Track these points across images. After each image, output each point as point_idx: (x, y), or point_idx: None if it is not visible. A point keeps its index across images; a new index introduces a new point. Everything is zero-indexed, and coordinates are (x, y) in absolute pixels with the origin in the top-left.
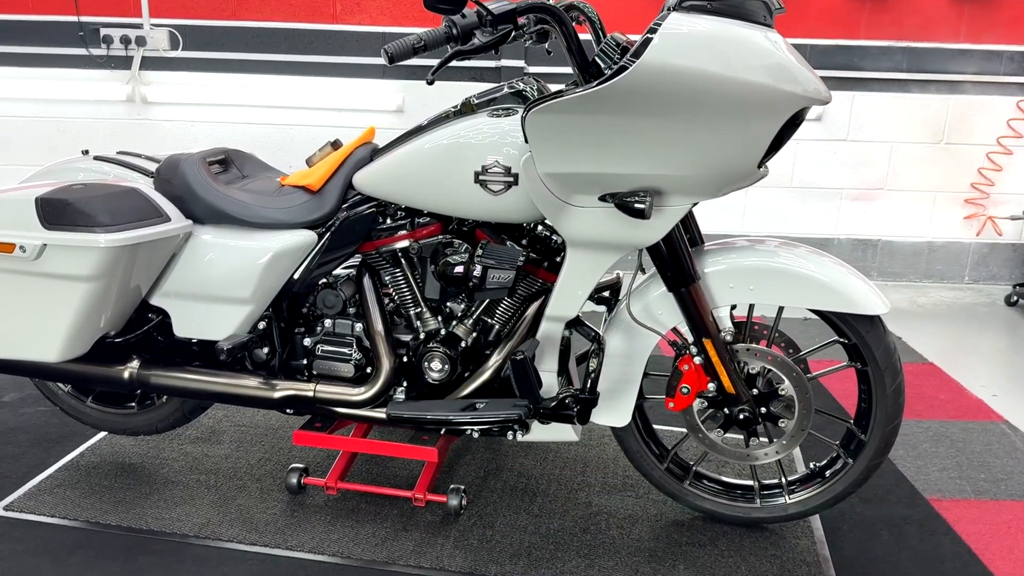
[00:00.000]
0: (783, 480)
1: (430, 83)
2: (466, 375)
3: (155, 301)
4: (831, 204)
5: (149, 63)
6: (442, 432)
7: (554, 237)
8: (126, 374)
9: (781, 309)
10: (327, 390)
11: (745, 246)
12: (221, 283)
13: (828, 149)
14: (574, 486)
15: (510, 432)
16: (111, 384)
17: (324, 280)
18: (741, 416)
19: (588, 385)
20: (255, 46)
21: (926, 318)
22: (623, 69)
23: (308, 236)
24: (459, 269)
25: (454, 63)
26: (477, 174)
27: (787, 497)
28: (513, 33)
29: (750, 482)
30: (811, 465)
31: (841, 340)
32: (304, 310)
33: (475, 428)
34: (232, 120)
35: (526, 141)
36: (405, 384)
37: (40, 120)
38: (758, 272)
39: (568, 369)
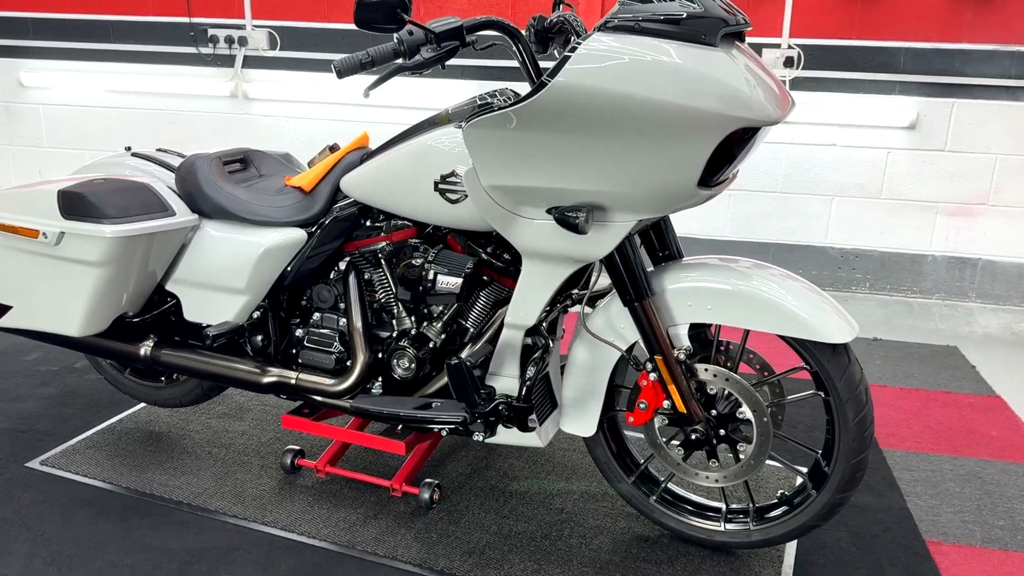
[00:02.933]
0: (751, 505)
1: (366, 96)
2: (434, 374)
3: (169, 287)
4: (925, 218)
5: (250, 62)
6: (398, 428)
7: None
8: (142, 351)
9: (747, 331)
10: (308, 379)
11: (713, 265)
12: (220, 273)
13: (923, 159)
14: (553, 491)
15: (475, 434)
16: (129, 360)
17: (322, 276)
18: (693, 436)
19: (523, 392)
20: (347, 47)
21: (1015, 347)
22: (543, 86)
23: (299, 234)
24: (412, 272)
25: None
26: (436, 183)
27: (752, 523)
28: (462, 47)
29: (719, 504)
30: (779, 493)
31: (804, 367)
32: (303, 303)
33: (418, 426)
34: (324, 117)
35: None
36: (380, 379)
37: (155, 112)
38: (716, 292)
39: (548, 376)
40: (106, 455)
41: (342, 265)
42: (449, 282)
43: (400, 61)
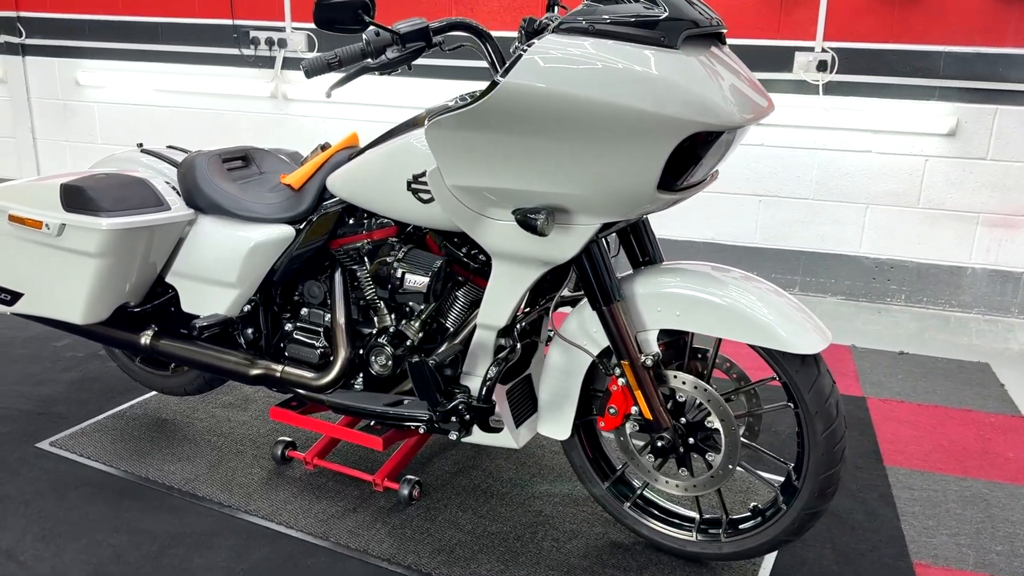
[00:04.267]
0: (724, 516)
1: (328, 96)
2: None
3: (168, 279)
4: (965, 229)
5: (290, 63)
6: (372, 423)
7: None
8: (143, 340)
9: (719, 339)
10: (292, 372)
11: (686, 271)
12: (213, 267)
13: (963, 168)
14: (535, 493)
15: (451, 433)
16: (132, 348)
17: (313, 272)
18: (659, 443)
19: (482, 393)
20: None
21: None
22: (495, 86)
23: (287, 230)
24: (384, 271)
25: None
26: (409, 183)
27: (724, 535)
28: (428, 48)
29: (693, 513)
30: (752, 505)
31: (774, 377)
32: (295, 298)
33: (388, 422)
34: (359, 118)
35: None
36: (362, 375)
37: (200, 111)
38: (685, 298)
39: (531, 378)
40: (111, 439)
41: (329, 262)
42: (416, 281)
43: (367, 61)
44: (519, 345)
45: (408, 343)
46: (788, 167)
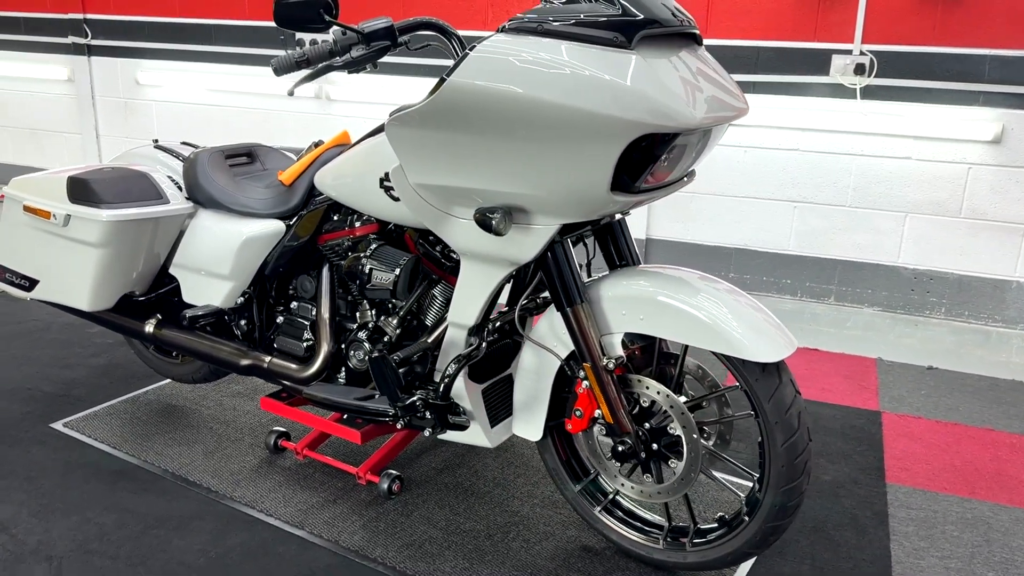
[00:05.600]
0: (692, 525)
1: (291, 95)
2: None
3: (171, 271)
4: (1010, 241)
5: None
6: (344, 416)
7: None
8: (147, 328)
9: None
10: (279, 363)
11: (654, 275)
12: (209, 259)
13: (1008, 176)
14: (516, 494)
15: (425, 429)
16: (136, 335)
17: (306, 267)
18: (619, 448)
19: (441, 390)
20: (425, 51)
21: None
22: (442, 84)
23: (278, 225)
24: (354, 267)
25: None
26: (381, 180)
27: (689, 544)
28: (393, 47)
29: (663, 521)
30: (719, 515)
31: (737, 386)
32: (290, 291)
33: (358, 416)
34: None
35: None
36: (344, 369)
37: (249, 110)
38: (648, 302)
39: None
40: (120, 423)
41: (319, 257)
42: (382, 277)
43: (333, 60)
44: (484, 344)
45: (386, 339)
46: (824, 173)
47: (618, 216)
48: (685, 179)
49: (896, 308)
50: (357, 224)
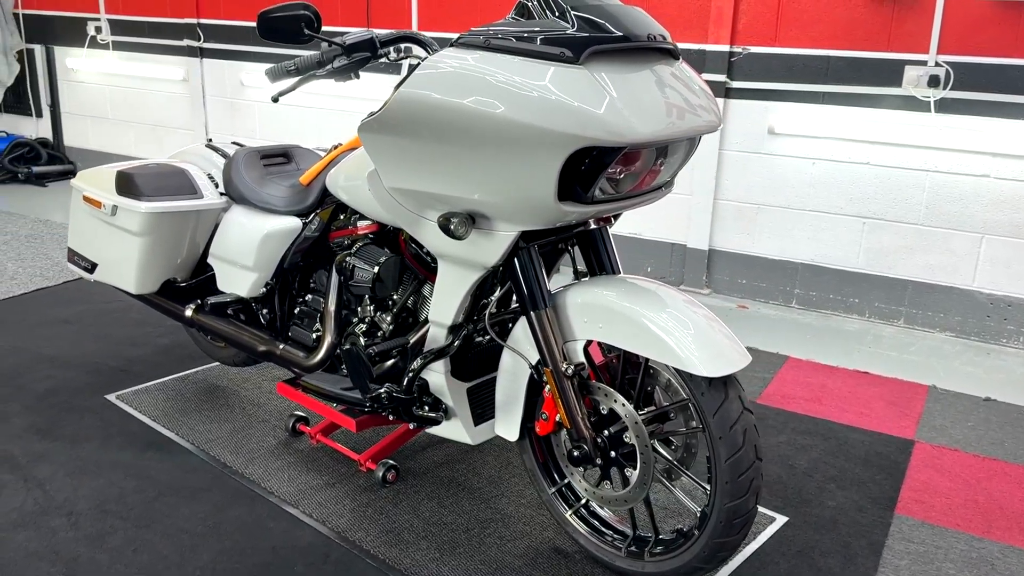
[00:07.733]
0: (653, 535)
1: (275, 101)
2: (377, 359)
3: (208, 260)
4: None
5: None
6: (334, 405)
7: None
8: (187, 312)
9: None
10: (288, 351)
11: (618, 284)
12: (236, 251)
13: None
14: (506, 492)
15: (411, 422)
16: (177, 318)
17: (325, 261)
18: (575, 452)
19: (405, 384)
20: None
21: None
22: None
23: (295, 222)
24: (343, 263)
25: None
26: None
27: (648, 554)
28: (374, 59)
29: (628, 529)
30: (676, 527)
31: (684, 399)
32: (311, 284)
33: (341, 405)
34: None
35: None
36: None
37: (342, 113)
38: (606, 311)
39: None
40: (165, 398)
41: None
42: (362, 275)
43: (316, 70)
44: (456, 343)
45: (380, 333)
46: (895, 189)
47: (594, 225)
48: (664, 188)
49: (969, 334)
50: (359, 223)
